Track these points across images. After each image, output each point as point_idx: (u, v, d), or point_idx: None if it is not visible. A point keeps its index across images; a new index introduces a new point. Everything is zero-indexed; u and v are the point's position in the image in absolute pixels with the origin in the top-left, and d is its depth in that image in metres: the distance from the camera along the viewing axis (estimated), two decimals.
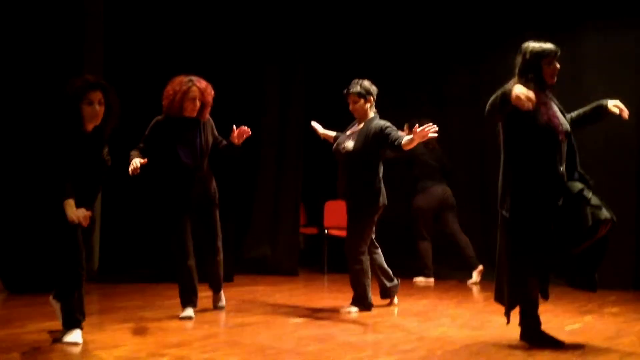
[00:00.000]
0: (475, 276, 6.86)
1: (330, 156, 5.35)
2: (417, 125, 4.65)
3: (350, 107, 5.17)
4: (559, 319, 4.88)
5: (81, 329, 3.95)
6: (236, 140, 4.79)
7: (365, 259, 5.10)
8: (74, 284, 3.91)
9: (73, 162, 3.88)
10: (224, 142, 4.88)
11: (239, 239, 7.33)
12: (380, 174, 5.07)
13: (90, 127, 3.94)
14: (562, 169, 3.97)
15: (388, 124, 5.01)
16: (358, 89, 5.10)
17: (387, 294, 5.33)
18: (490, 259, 7.15)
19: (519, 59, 4.06)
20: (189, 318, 4.68)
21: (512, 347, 3.97)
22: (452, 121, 7.46)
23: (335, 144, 5.25)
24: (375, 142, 4.96)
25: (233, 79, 7.00)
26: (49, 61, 5.90)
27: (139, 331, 4.27)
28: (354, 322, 4.75)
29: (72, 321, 3.92)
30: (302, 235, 8.10)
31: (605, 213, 3.83)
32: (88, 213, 3.85)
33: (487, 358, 3.72)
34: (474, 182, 7.43)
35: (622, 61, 6.62)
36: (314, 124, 5.53)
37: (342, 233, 7.69)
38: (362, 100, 5.10)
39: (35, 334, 4.12)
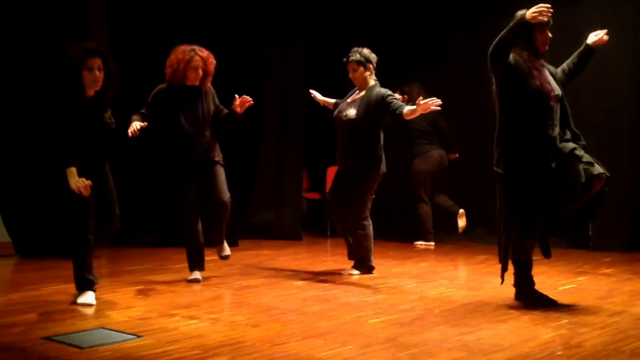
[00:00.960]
0: (460, 221, 7.04)
1: (332, 122, 5.46)
2: (421, 97, 4.78)
3: (350, 75, 5.26)
4: (554, 279, 5.05)
5: (94, 290, 4.12)
6: (238, 109, 4.87)
7: (368, 223, 5.24)
8: (83, 248, 4.06)
9: (75, 127, 3.98)
10: (225, 110, 4.96)
11: (243, 205, 7.47)
12: (382, 142, 5.18)
13: (91, 92, 4.05)
14: (555, 132, 4.10)
15: (389, 92, 5.11)
16: (357, 57, 5.19)
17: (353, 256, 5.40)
18: (490, 223, 7.35)
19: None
20: (197, 281, 4.85)
21: (507, 306, 4.14)
22: (451, 84, 7.55)
23: (336, 111, 5.34)
24: (377, 110, 5.06)
25: (234, 46, 7.06)
26: (54, 30, 5.98)
27: (149, 293, 4.44)
28: (355, 284, 4.92)
29: (85, 283, 4.09)
30: (305, 200, 8.25)
31: (598, 168, 3.98)
32: (88, 182, 3.92)
33: (482, 316, 3.89)
34: (473, 144, 7.53)
35: (619, 26, 6.66)
36: (313, 92, 5.63)
37: None
38: (361, 68, 5.19)
39: (50, 296, 4.31)
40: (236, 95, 4.89)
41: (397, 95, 5.20)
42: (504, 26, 4.36)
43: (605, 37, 4.34)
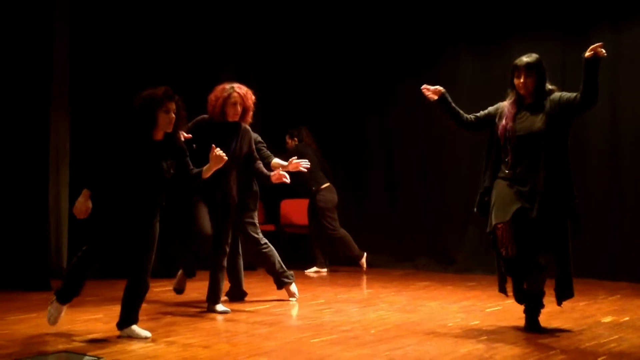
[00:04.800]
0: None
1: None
2: (295, 157, 5.32)
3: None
4: (484, 302, 5.55)
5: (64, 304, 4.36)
6: (273, 180, 5.18)
7: (265, 242, 5.63)
8: (80, 267, 4.24)
9: (133, 167, 4.13)
10: (264, 172, 5.23)
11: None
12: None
13: (160, 135, 4.22)
14: (507, 169, 4.39)
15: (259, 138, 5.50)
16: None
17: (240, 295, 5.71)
18: (433, 252, 7.85)
19: None
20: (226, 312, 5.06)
21: (437, 326, 4.62)
22: (393, 122, 8.12)
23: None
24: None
25: (190, 80, 7.31)
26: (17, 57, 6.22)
27: (109, 320, 4.75)
28: (302, 309, 5.33)
29: (64, 297, 4.32)
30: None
31: (495, 218, 4.29)
32: (88, 207, 4.13)
33: (412, 334, 4.34)
34: (418, 178, 8.05)
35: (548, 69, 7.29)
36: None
37: (297, 230, 8.31)
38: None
39: (15, 324, 4.61)
40: (281, 171, 5.18)
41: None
42: (443, 67, 4.59)
43: (601, 51, 4.16)
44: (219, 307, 5.12)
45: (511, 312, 5.15)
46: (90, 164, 4.25)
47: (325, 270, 7.66)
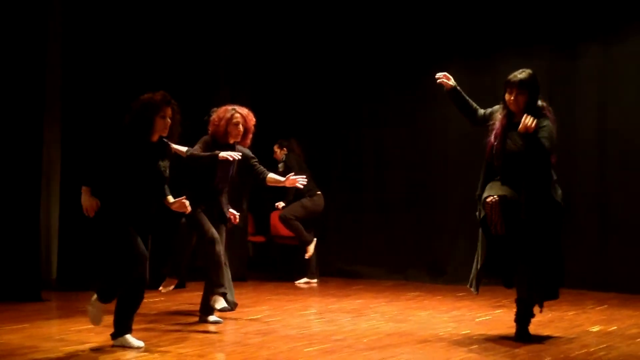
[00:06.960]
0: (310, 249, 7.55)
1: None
2: (293, 173, 5.36)
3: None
4: (474, 312, 5.61)
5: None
6: (229, 214, 5.31)
7: None
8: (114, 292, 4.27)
9: (132, 168, 4.20)
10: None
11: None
12: None
13: (155, 137, 4.31)
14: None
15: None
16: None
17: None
18: (423, 263, 7.91)
19: None
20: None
21: (428, 335, 4.68)
22: (386, 136, 8.19)
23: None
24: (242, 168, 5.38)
25: (184, 89, 7.32)
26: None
27: (103, 330, 4.73)
28: (293, 319, 5.36)
29: (107, 295, 4.30)
30: (250, 243, 8.68)
31: (486, 193, 4.28)
32: (96, 203, 4.14)
33: (405, 343, 4.40)
34: (409, 189, 8.12)
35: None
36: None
37: (287, 241, 8.34)
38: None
39: (11, 333, 4.61)
40: (237, 216, 5.39)
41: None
42: (437, 85, 4.75)
43: (528, 127, 4.27)
44: (212, 317, 5.14)
45: (501, 321, 5.22)
46: (85, 163, 4.27)
47: (315, 280, 7.69)
